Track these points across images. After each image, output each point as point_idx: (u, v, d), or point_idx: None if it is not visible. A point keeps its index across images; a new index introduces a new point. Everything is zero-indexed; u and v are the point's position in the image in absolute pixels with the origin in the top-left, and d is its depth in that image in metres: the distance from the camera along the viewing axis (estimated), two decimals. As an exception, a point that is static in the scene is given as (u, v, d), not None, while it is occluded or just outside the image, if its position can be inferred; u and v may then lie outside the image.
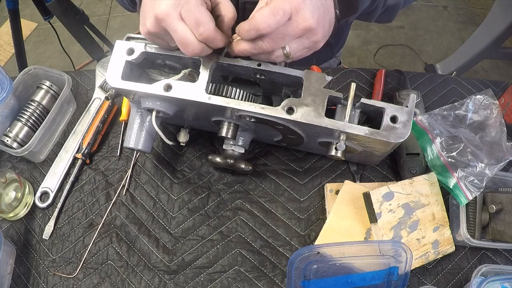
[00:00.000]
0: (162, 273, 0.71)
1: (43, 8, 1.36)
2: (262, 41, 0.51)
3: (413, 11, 2.24)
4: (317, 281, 0.63)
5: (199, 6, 0.50)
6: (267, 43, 0.51)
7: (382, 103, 0.58)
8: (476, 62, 1.80)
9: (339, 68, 1.01)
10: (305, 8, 0.49)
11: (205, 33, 0.50)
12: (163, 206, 0.76)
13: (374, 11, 0.65)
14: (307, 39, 0.52)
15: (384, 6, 0.65)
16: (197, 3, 0.50)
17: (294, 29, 0.50)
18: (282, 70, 0.59)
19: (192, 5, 0.49)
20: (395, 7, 0.67)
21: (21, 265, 0.73)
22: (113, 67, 0.60)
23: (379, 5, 0.64)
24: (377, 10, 0.65)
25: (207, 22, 0.50)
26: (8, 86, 0.75)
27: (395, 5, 0.66)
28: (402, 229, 0.67)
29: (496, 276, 0.64)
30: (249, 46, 0.53)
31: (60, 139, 0.83)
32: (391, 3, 0.65)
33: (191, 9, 0.49)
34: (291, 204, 0.75)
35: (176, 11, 0.49)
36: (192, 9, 0.49)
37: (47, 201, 0.76)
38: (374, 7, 0.64)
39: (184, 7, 0.50)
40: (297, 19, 0.49)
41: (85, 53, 1.58)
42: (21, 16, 1.37)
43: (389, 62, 2.09)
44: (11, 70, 1.66)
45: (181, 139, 0.71)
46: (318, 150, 0.75)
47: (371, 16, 0.67)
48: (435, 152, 0.69)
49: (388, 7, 0.66)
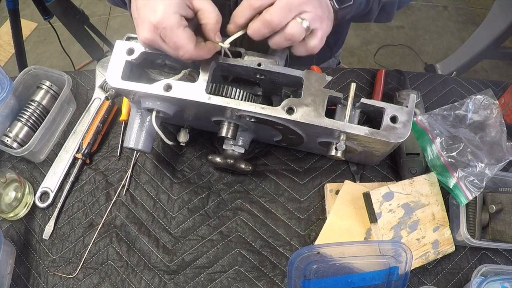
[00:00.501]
0: (162, 273, 0.71)
1: (43, 8, 1.36)
2: (270, 14, 0.51)
3: (413, 11, 2.24)
4: (317, 281, 0.63)
5: (176, 30, 0.51)
6: (275, 15, 0.50)
7: (382, 103, 0.58)
8: (476, 62, 1.80)
9: (339, 68, 1.01)
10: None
11: (186, 55, 0.52)
12: (163, 206, 0.76)
13: (371, 10, 0.65)
14: (312, 10, 0.52)
15: (380, 4, 0.65)
16: (173, 27, 0.50)
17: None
18: (282, 70, 0.59)
19: (168, 29, 0.50)
20: (391, 4, 0.67)
21: (21, 265, 0.73)
22: (113, 67, 0.60)
23: (374, 4, 0.64)
24: (373, 9, 0.65)
25: (185, 44, 0.51)
26: (8, 86, 0.75)
27: (391, 1, 0.66)
28: (402, 229, 0.67)
29: (496, 276, 0.64)
30: (256, 23, 0.52)
31: (60, 139, 0.83)
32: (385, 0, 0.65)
33: (167, 34, 0.51)
34: (291, 204, 0.75)
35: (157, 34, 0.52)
36: (168, 34, 0.51)
37: (47, 201, 0.76)
38: (370, 6, 0.64)
39: (162, 32, 0.51)
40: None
41: (85, 53, 1.58)
42: (21, 16, 1.37)
43: (389, 62, 2.09)
44: (11, 70, 1.65)
45: (181, 139, 0.71)
46: (318, 150, 0.75)
47: (369, 15, 0.67)
48: (435, 152, 0.69)
49: (384, 5, 0.66)
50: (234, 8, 0.63)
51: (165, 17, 0.50)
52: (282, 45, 0.54)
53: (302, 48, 0.55)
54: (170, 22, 0.50)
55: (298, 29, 0.52)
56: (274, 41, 0.54)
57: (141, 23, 0.52)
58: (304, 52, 0.56)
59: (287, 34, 0.52)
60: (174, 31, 0.51)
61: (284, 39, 0.53)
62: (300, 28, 0.52)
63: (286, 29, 0.52)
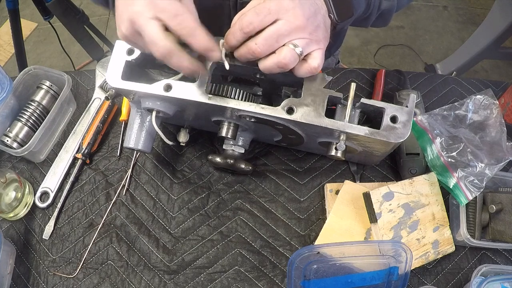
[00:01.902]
0: (162, 273, 0.71)
1: (43, 8, 1.36)
2: (255, 43, 0.49)
3: (413, 11, 2.24)
4: (317, 281, 0.63)
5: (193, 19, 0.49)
6: (260, 44, 0.49)
7: (382, 103, 0.58)
8: (476, 62, 1.80)
9: (339, 68, 1.01)
10: (295, 7, 0.48)
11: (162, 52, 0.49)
12: (163, 206, 0.76)
13: (369, 16, 0.65)
14: (306, 37, 0.50)
15: (379, 11, 0.65)
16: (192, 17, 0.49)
17: (287, 28, 0.49)
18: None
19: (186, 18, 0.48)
20: (389, 11, 0.67)
21: (21, 265, 0.73)
22: (113, 67, 0.60)
23: (373, 10, 0.63)
24: (372, 15, 0.65)
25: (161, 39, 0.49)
26: (8, 86, 0.75)
27: (389, 9, 0.66)
28: (402, 229, 0.67)
29: (496, 276, 0.64)
30: (242, 49, 0.51)
31: (60, 139, 0.83)
32: (385, 7, 0.65)
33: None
34: (291, 204, 0.75)
35: (150, 12, 0.48)
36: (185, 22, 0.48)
37: (47, 201, 0.76)
38: (369, 13, 0.64)
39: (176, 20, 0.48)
40: (288, 17, 0.48)
41: (85, 53, 1.58)
42: (21, 16, 1.36)
43: (389, 62, 2.09)
44: (11, 70, 1.65)
45: (181, 139, 0.71)
46: (318, 150, 0.75)
47: (366, 21, 0.67)
48: (435, 152, 0.69)
49: (383, 11, 0.66)
50: (234, 8, 0.63)
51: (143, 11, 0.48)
52: (273, 71, 0.52)
53: (303, 70, 0.54)
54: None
55: (290, 56, 0.50)
56: (265, 67, 0.52)
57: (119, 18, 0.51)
58: (307, 73, 0.54)
59: (279, 61, 0.50)
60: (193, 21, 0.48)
61: (276, 66, 0.51)
62: (293, 55, 0.50)
63: (278, 56, 0.50)
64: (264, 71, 0.53)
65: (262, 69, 0.52)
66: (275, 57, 0.50)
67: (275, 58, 0.50)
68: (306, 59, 0.53)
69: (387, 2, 0.64)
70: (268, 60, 0.51)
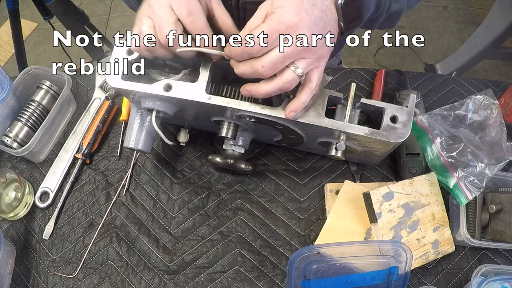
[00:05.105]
0: (162, 273, 0.71)
1: (43, 8, 1.36)
2: (262, 66, 0.48)
3: (413, 11, 2.24)
4: (317, 281, 0.63)
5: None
6: (267, 68, 0.48)
7: (382, 103, 0.58)
8: (476, 62, 1.80)
9: (339, 68, 1.01)
10: (303, 27, 0.47)
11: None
12: (163, 206, 0.76)
13: (377, 18, 0.63)
14: (310, 57, 0.50)
15: (388, 13, 0.64)
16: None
17: (294, 50, 0.47)
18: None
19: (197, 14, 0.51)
20: (398, 13, 0.65)
21: (21, 265, 0.73)
22: (113, 67, 0.60)
23: (382, 12, 0.62)
24: (381, 17, 0.63)
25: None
26: (8, 86, 0.75)
27: (398, 11, 0.65)
28: (402, 229, 0.67)
29: (496, 276, 0.64)
30: (246, 68, 0.50)
31: (60, 139, 0.83)
32: (395, 9, 0.63)
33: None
34: (291, 204, 0.75)
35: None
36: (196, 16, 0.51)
37: (47, 201, 0.76)
38: (377, 15, 0.63)
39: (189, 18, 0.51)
40: (297, 39, 0.47)
41: (85, 53, 1.57)
42: (21, 16, 1.36)
43: (389, 62, 2.09)
44: (11, 70, 1.65)
45: (181, 139, 0.71)
46: (318, 150, 0.75)
47: (374, 23, 0.65)
48: (435, 152, 0.69)
49: (392, 13, 0.65)
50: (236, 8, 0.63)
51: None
52: (274, 93, 0.52)
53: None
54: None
55: (292, 79, 0.50)
56: (267, 91, 0.51)
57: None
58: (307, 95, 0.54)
59: (281, 86, 0.50)
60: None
61: (277, 89, 0.51)
62: (294, 78, 0.50)
63: (280, 80, 0.50)
64: (264, 96, 0.53)
65: (263, 93, 0.52)
66: (277, 81, 0.50)
67: (277, 82, 0.50)
68: (304, 80, 0.52)
69: (397, 5, 0.63)
70: (269, 84, 0.51)
